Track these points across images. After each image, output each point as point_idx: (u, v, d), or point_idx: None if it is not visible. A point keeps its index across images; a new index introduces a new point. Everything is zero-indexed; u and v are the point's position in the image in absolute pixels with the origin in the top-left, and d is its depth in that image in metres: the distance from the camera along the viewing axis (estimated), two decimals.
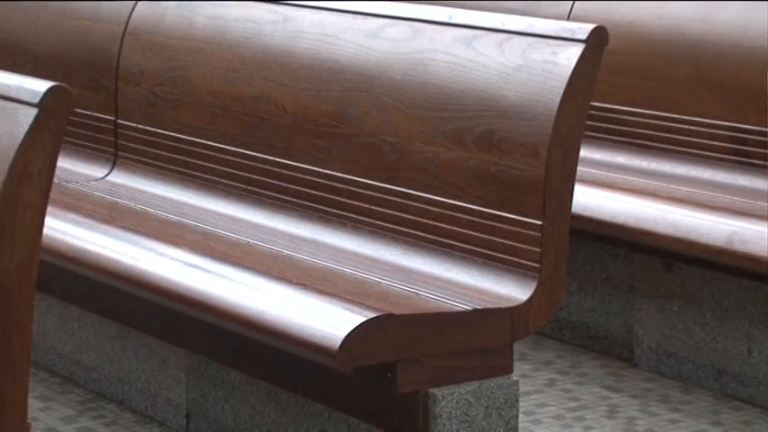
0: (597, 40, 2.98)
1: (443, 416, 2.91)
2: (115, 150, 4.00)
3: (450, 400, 2.92)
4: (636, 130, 4.14)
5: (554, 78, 2.97)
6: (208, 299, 2.98)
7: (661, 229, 3.61)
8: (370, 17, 3.41)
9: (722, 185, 3.87)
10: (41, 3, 4.30)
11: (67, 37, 4.17)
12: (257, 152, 3.56)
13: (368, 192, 3.27)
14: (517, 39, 3.08)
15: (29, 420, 2.27)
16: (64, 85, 2.22)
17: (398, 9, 3.40)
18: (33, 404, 3.67)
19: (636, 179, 3.97)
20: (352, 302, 2.84)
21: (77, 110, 3.98)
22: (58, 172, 2.25)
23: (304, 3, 3.60)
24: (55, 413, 3.73)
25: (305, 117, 3.44)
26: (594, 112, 4.01)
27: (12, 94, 2.25)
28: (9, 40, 4.36)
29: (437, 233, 3.13)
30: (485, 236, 3.04)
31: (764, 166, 3.85)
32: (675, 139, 4.06)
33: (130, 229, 3.44)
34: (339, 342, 2.66)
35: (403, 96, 3.23)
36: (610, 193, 3.80)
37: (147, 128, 3.89)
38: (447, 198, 3.11)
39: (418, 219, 3.17)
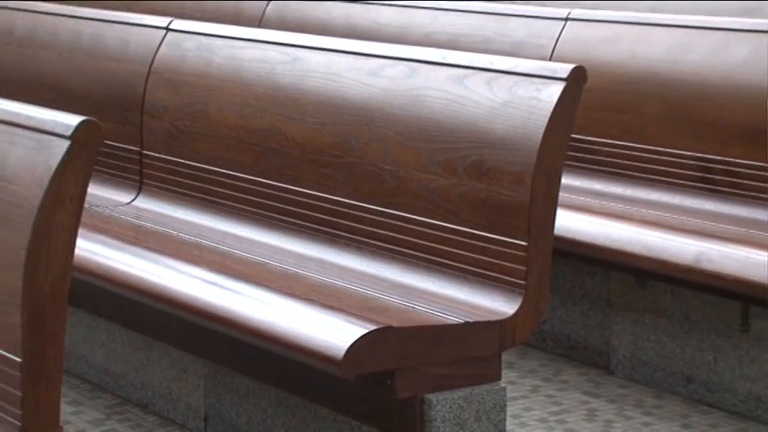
0: (577, 79, 2.99)
1: (438, 419, 2.91)
2: (140, 178, 4.00)
3: (444, 405, 2.91)
4: (612, 159, 4.14)
5: (538, 113, 2.97)
6: (224, 312, 2.97)
7: (635, 249, 3.60)
8: (371, 57, 3.41)
9: (690, 210, 3.87)
10: (73, 45, 4.30)
11: (97, 76, 4.18)
12: (269, 180, 3.56)
13: (369, 215, 3.27)
14: (504, 77, 3.09)
15: (61, 424, 2.27)
16: (94, 119, 2.23)
17: (396, 50, 3.40)
18: (65, 408, 3.66)
19: (612, 204, 3.97)
20: (355, 316, 2.84)
21: (106, 142, 3.98)
22: (88, 197, 2.25)
23: (312, 45, 3.61)
24: (85, 416, 3.72)
25: (312, 148, 3.45)
26: (574, 144, 4.00)
27: (47, 128, 2.26)
28: (44, 78, 4.37)
29: (432, 253, 3.13)
30: (475, 255, 3.04)
31: (728, 193, 3.85)
32: (647, 167, 4.06)
33: (154, 249, 3.44)
34: (343, 352, 2.66)
35: (401, 129, 3.23)
36: (588, 216, 3.80)
37: (169, 158, 3.90)
38: (441, 221, 3.11)
39: (415, 240, 3.17)
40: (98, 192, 3.99)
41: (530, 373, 4.07)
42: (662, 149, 4.03)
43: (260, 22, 5.35)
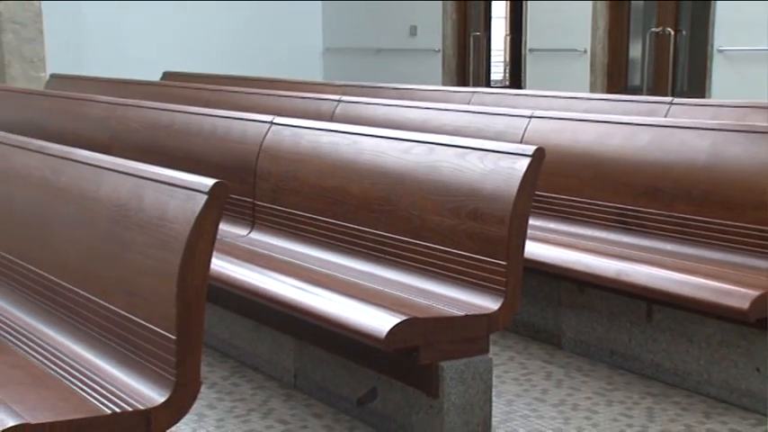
0: (538, 155, 2.97)
1: (447, 378, 2.88)
2: (253, 219, 4.00)
3: (451, 369, 2.88)
4: (561, 208, 4.11)
5: (513, 177, 2.95)
6: (307, 307, 2.96)
7: (577, 267, 3.57)
8: (403, 141, 3.40)
9: (612, 242, 3.84)
10: (212, 132, 4.32)
11: (226, 153, 4.19)
12: (337, 220, 3.55)
13: (403, 244, 3.25)
14: (491, 154, 3.07)
15: (201, 379, 2.26)
16: (223, 181, 2.23)
17: (420, 136, 3.39)
18: (203, 368, 3.66)
19: (561, 237, 3.94)
20: (393, 310, 2.81)
21: (231, 195, 4.01)
22: (219, 231, 2.24)
23: (365, 132, 3.60)
24: (217, 374, 3.71)
25: (365, 199, 3.43)
26: (537, 198, 4.00)
27: (192, 186, 2.26)
28: (192, 155, 4.39)
29: (443, 269, 3.10)
30: (472, 270, 3.01)
31: (637, 231, 3.82)
32: (584, 213, 4.03)
33: (261, 265, 3.43)
34: (385, 333, 2.65)
35: (424, 187, 3.21)
36: (546, 245, 3.77)
37: (272, 206, 3.90)
38: (449, 248, 3.09)
39: (432, 260, 3.14)
40: (225, 228, 3.99)
41: (507, 348, 4.03)
42: (593, 202, 4.00)
43: (331, 117, 5.37)
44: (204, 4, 10.51)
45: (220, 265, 3.35)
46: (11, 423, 1.98)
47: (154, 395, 2.21)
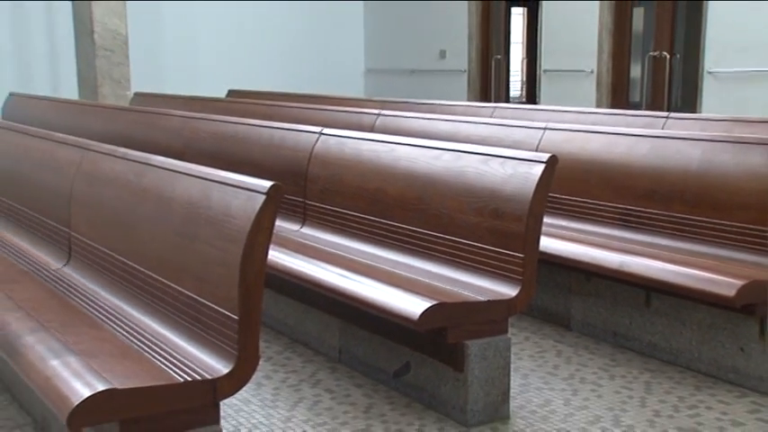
0: (552, 162, 2.93)
1: (472, 355, 2.85)
2: (304, 216, 3.99)
3: (475, 347, 2.86)
4: (571, 207, 4.07)
5: (530, 181, 2.91)
6: (350, 292, 2.94)
7: (584, 259, 3.52)
8: (435, 149, 3.38)
9: (616, 237, 3.79)
10: (269, 141, 4.33)
11: (281, 159, 4.19)
12: (376, 217, 3.53)
13: (433, 238, 3.23)
14: (511, 161, 3.04)
15: (260, 354, 2.26)
16: (279, 183, 2.22)
17: (449, 145, 3.36)
18: (261, 344, 3.67)
19: (571, 233, 3.89)
20: (425, 296, 2.79)
21: (285, 196, 4.01)
22: (275, 227, 2.23)
23: (401, 141, 3.58)
24: (272, 349, 3.71)
25: (401, 199, 3.41)
26: (550, 198, 3.96)
27: (252, 188, 2.26)
28: (252, 160, 4.39)
29: (469, 260, 3.07)
30: (494, 262, 2.98)
31: (638, 228, 3.76)
32: (591, 212, 3.98)
33: (311, 255, 3.43)
34: (418, 315, 2.63)
35: (452, 189, 3.18)
36: (558, 240, 3.73)
37: (320, 205, 3.89)
38: (474, 242, 3.06)
39: (459, 253, 3.11)
40: (280, 223, 4.00)
41: (524, 329, 3.99)
42: (599, 202, 3.95)
43: (372, 128, 5.35)
44: (263, 34, 10.62)
45: (276, 255, 3.35)
46: (101, 387, 2.00)
47: (219, 367, 2.22)
